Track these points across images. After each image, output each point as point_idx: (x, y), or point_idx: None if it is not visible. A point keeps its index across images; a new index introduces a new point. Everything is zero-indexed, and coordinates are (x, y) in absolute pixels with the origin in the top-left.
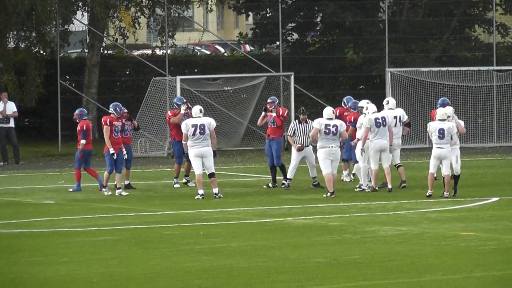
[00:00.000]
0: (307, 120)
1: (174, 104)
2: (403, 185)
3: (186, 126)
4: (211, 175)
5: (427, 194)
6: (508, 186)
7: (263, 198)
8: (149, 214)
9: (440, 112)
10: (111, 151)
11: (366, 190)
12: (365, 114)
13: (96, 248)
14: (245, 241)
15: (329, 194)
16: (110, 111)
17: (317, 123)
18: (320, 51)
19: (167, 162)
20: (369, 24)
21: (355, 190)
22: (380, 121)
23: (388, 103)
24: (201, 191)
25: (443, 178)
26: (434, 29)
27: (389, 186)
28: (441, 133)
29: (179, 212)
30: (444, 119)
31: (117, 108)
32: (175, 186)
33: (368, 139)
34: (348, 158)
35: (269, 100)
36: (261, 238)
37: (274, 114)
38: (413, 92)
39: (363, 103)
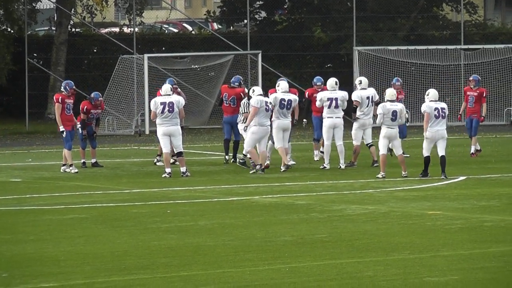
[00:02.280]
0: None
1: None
2: (375, 164)
3: (155, 104)
4: (179, 154)
5: (380, 176)
6: (475, 165)
7: (230, 177)
8: (116, 192)
9: (390, 92)
10: (61, 128)
11: (327, 168)
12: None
13: (63, 226)
14: (212, 219)
15: (258, 167)
16: (61, 90)
17: (256, 102)
18: (288, 29)
19: (134, 140)
20: (337, 3)
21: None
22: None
23: (360, 82)
24: (168, 170)
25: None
26: (402, 8)
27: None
28: (394, 115)
29: (146, 191)
30: (394, 100)
31: (67, 87)
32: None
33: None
34: (318, 137)
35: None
36: (228, 216)
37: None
38: (381, 70)
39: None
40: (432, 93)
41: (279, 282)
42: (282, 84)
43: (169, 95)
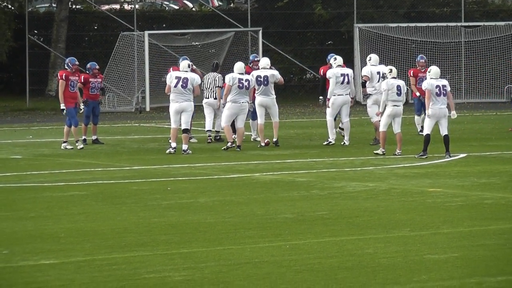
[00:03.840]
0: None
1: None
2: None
3: (170, 77)
4: (185, 130)
5: (381, 152)
6: (476, 142)
7: (231, 154)
8: (116, 169)
9: (394, 70)
10: (62, 106)
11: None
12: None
13: (64, 203)
14: (213, 196)
15: (229, 144)
16: (65, 67)
17: (230, 79)
18: (289, 6)
19: (135, 117)
20: None
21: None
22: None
23: (370, 59)
24: (173, 144)
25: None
26: None
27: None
28: (399, 90)
29: (147, 168)
30: (396, 77)
31: (69, 63)
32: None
33: (335, 94)
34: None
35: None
36: (228, 193)
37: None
38: (381, 47)
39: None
40: (433, 70)
41: (279, 259)
42: (262, 60)
43: (186, 71)
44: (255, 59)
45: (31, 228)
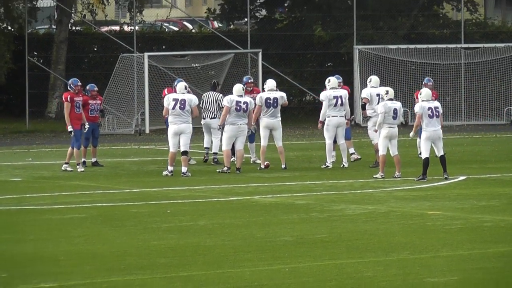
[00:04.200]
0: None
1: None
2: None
3: (168, 99)
4: (184, 152)
5: (380, 176)
6: (475, 164)
7: (230, 176)
8: (116, 191)
9: (391, 91)
10: (69, 128)
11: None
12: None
13: (63, 226)
14: (212, 219)
15: (225, 169)
16: (68, 88)
17: (228, 101)
18: (288, 28)
19: (134, 139)
20: (338, 1)
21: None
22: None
23: (370, 81)
24: (170, 168)
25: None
26: (402, 6)
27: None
28: (395, 113)
29: (146, 190)
30: (392, 98)
31: (71, 84)
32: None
33: (329, 116)
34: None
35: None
36: (228, 216)
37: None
38: (381, 69)
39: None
40: (425, 92)
41: (279, 282)
42: (269, 82)
43: (183, 93)
44: (249, 80)
45: (30, 251)
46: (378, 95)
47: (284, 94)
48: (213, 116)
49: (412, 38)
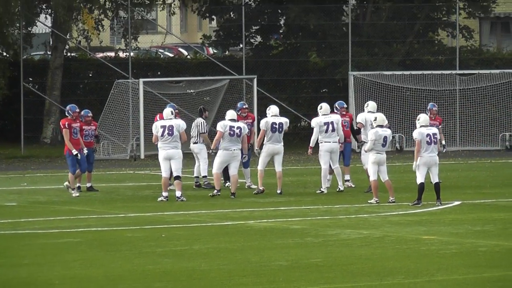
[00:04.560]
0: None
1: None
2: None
3: (156, 127)
4: (177, 177)
5: (374, 202)
6: (470, 190)
7: (225, 201)
8: (111, 216)
9: (381, 117)
10: (74, 152)
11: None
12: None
13: (58, 250)
14: (207, 244)
15: (215, 191)
16: (66, 114)
17: (221, 126)
18: (284, 54)
19: (129, 164)
20: (333, 28)
21: (316, 192)
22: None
23: (368, 105)
24: (165, 193)
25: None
26: (397, 33)
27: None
28: (385, 141)
29: (141, 215)
30: (383, 125)
31: (69, 111)
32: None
33: (322, 142)
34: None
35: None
36: (223, 241)
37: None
38: (376, 95)
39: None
40: (422, 118)
41: None
42: (273, 108)
43: (170, 119)
44: (243, 106)
45: (25, 275)
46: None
47: (287, 120)
48: (194, 142)
49: (407, 64)
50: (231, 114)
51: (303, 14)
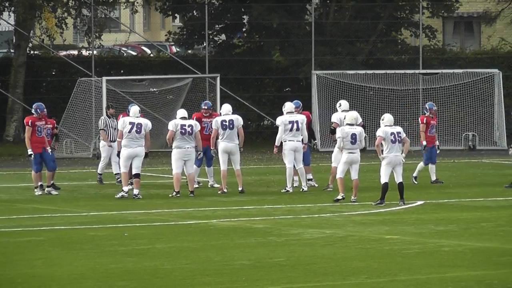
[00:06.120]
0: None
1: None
2: (328, 189)
3: (124, 123)
4: (137, 175)
5: (340, 197)
6: (433, 189)
7: (188, 200)
8: (74, 215)
9: (350, 116)
10: (29, 152)
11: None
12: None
13: (20, 249)
14: (170, 243)
15: (174, 193)
16: (32, 112)
17: (172, 125)
18: (247, 53)
19: (92, 163)
20: (296, 27)
21: (281, 191)
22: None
23: (340, 105)
24: (125, 188)
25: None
26: (360, 32)
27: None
28: (354, 138)
29: (104, 213)
30: (353, 123)
31: (38, 109)
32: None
33: (285, 140)
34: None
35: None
36: (185, 240)
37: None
38: (339, 94)
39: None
40: (387, 117)
41: None
42: (224, 107)
43: (138, 117)
44: (206, 106)
45: None
46: None
47: (239, 117)
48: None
49: (370, 63)
50: (181, 113)
51: (266, 13)
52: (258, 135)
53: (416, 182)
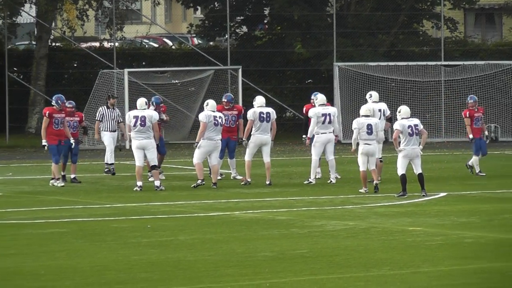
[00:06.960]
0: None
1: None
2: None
3: (129, 117)
4: (153, 167)
5: (363, 191)
6: (455, 181)
7: (210, 192)
8: (96, 206)
9: (365, 108)
10: (43, 142)
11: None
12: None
13: (43, 241)
14: (192, 234)
15: (199, 181)
16: (52, 103)
17: (205, 116)
18: (268, 44)
19: (115, 155)
20: (317, 19)
21: (304, 183)
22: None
23: (371, 96)
24: (139, 183)
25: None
26: (382, 24)
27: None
28: (369, 129)
29: (127, 205)
30: (369, 115)
31: (59, 101)
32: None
33: (318, 133)
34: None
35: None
36: (208, 231)
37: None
38: (361, 86)
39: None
40: (403, 110)
41: None
42: (258, 99)
43: (144, 109)
44: (228, 99)
45: (10, 265)
46: (380, 110)
47: (274, 110)
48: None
49: (392, 55)
50: (212, 104)
51: (287, 5)
52: (280, 126)
53: (483, 174)
